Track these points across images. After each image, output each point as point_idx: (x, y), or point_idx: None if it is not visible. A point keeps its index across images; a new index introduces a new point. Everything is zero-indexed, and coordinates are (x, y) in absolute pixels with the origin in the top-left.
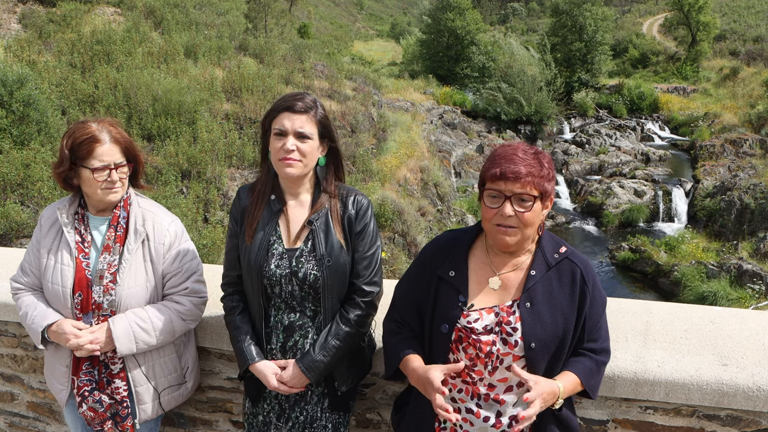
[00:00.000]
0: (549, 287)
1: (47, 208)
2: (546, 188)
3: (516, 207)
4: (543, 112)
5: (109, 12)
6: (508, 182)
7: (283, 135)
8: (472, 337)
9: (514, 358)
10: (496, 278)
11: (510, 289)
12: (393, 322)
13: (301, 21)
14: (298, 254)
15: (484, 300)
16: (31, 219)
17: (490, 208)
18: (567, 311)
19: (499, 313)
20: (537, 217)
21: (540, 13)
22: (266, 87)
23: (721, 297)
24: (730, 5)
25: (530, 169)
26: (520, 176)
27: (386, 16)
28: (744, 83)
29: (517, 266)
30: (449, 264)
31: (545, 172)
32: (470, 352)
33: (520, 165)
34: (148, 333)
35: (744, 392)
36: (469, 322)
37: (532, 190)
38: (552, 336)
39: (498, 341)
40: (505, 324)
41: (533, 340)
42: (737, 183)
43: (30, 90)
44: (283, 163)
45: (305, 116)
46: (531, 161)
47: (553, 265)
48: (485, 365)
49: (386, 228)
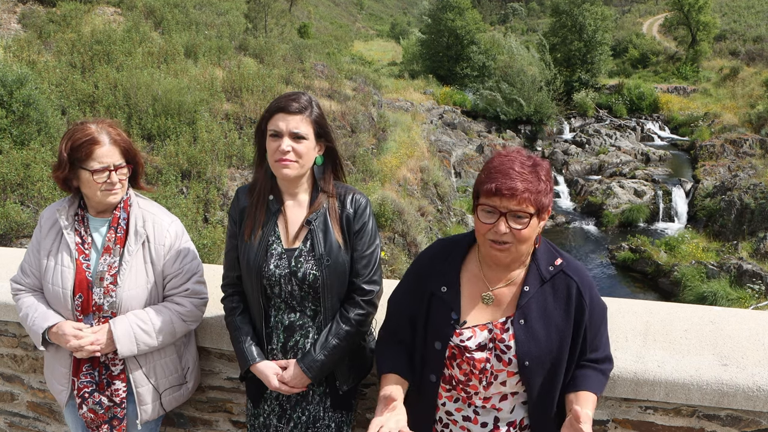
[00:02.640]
0: (543, 303)
1: (47, 209)
2: (543, 203)
3: (511, 224)
4: (543, 112)
5: (109, 12)
6: (504, 199)
7: (278, 136)
8: (465, 354)
9: (509, 374)
10: (489, 293)
11: (503, 305)
12: (385, 331)
13: (301, 21)
14: (297, 254)
15: (477, 317)
16: (31, 219)
17: (483, 224)
18: (562, 327)
19: (493, 330)
20: (533, 232)
21: (540, 13)
22: (266, 87)
23: (721, 297)
24: (730, 5)
25: (527, 186)
26: (516, 193)
27: (386, 16)
28: (744, 83)
29: (511, 281)
30: (442, 279)
31: (542, 187)
32: (464, 368)
33: (516, 181)
34: (149, 334)
35: (744, 392)
36: (462, 340)
37: (528, 207)
38: (546, 353)
39: (492, 358)
40: (499, 341)
41: (527, 358)
42: (737, 183)
43: (30, 90)
44: (279, 164)
45: (300, 117)
46: (528, 176)
47: (548, 280)
48: (480, 381)
49: (386, 228)
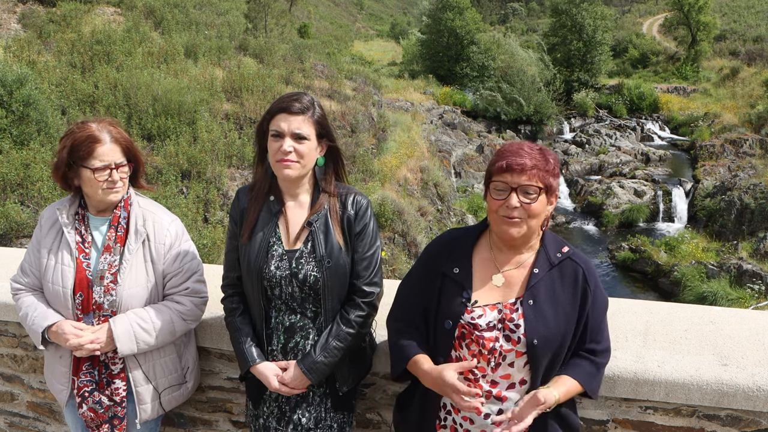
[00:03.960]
0: (552, 286)
1: (47, 209)
2: (550, 183)
3: (522, 198)
4: (543, 112)
5: (109, 12)
6: (514, 174)
7: (280, 136)
8: (475, 333)
9: (517, 354)
10: (499, 275)
11: (513, 287)
12: (398, 321)
13: (301, 21)
14: (298, 255)
15: (488, 297)
16: (31, 219)
17: (496, 200)
18: (569, 310)
19: (502, 310)
20: (542, 209)
21: (540, 13)
22: (266, 87)
23: (721, 297)
24: (730, 5)
25: (536, 162)
26: (525, 168)
27: (386, 16)
28: (744, 83)
29: (521, 264)
30: (453, 261)
31: (550, 167)
32: (473, 349)
33: (525, 158)
34: (149, 333)
35: (744, 392)
36: (473, 318)
37: (537, 182)
38: (554, 333)
39: (501, 338)
40: (508, 321)
41: (535, 337)
42: (737, 183)
43: (30, 90)
44: (280, 165)
45: (302, 117)
46: (537, 155)
47: (556, 264)
48: (488, 362)
49: (386, 228)
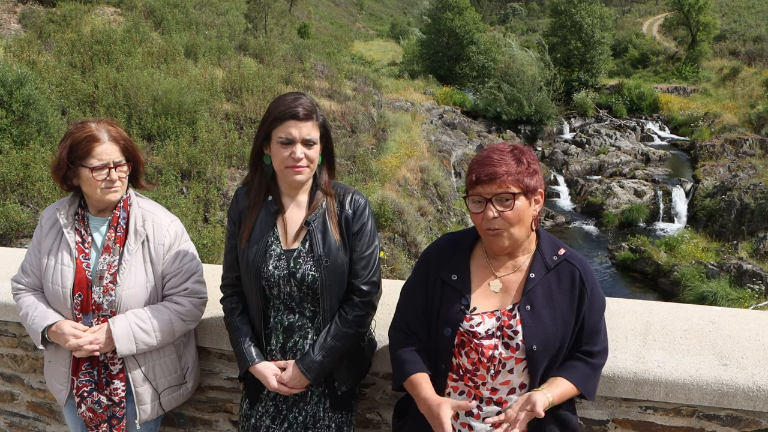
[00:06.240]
0: (548, 289)
1: (47, 209)
2: (527, 183)
3: (498, 207)
4: (543, 112)
5: (109, 12)
6: (485, 185)
7: (291, 143)
8: (474, 341)
9: (516, 361)
10: (497, 281)
11: (510, 292)
12: (400, 332)
13: (301, 21)
14: (296, 255)
15: (486, 304)
16: (31, 219)
17: (475, 214)
18: (566, 313)
19: (501, 317)
20: (523, 214)
21: (540, 13)
22: (266, 87)
23: (721, 297)
24: (730, 5)
25: (506, 168)
26: (494, 177)
27: (386, 16)
28: (744, 83)
29: (517, 267)
30: (452, 267)
31: (523, 168)
32: (472, 357)
33: (495, 165)
34: (148, 333)
35: (744, 392)
36: (472, 326)
37: (510, 187)
38: (552, 338)
39: (500, 345)
40: (507, 328)
41: (534, 343)
42: (737, 183)
43: (30, 90)
44: (291, 171)
45: (311, 123)
46: (507, 160)
47: (552, 267)
48: (488, 370)
49: (386, 228)
